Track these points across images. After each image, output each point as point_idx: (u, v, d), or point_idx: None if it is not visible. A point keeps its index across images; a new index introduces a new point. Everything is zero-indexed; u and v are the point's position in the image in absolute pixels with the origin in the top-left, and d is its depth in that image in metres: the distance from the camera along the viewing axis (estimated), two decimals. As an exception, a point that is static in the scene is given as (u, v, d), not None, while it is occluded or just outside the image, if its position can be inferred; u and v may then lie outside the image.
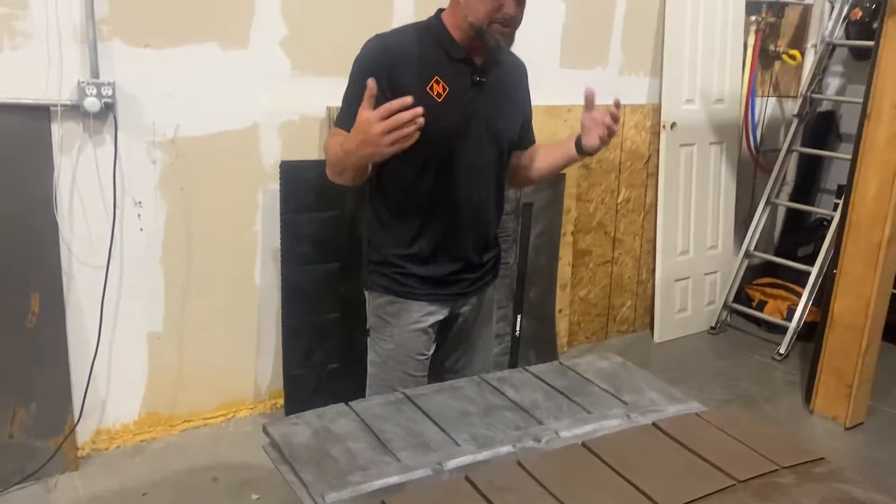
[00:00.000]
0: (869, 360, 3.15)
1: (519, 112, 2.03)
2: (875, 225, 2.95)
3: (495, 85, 1.91)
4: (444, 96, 1.83)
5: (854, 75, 4.45)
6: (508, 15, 1.77)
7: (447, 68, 1.84)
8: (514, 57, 2.05)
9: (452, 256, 1.98)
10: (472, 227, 1.98)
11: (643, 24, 3.63)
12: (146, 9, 2.41)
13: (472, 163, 1.91)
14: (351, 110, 1.81)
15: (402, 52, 1.83)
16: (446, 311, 2.02)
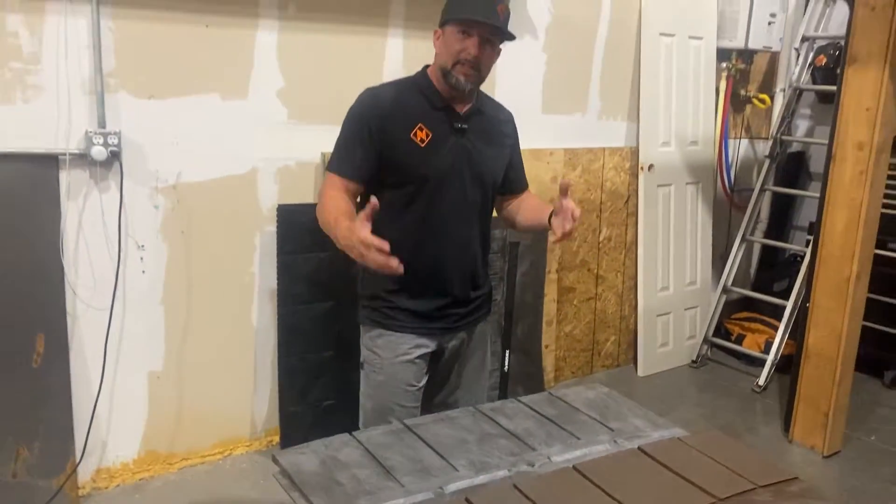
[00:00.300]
0: (843, 391, 3.27)
1: (503, 157, 2.16)
2: (844, 260, 3.10)
3: (478, 131, 2.06)
4: (427, 142, 1.98)
5: (821, 117, 4.67)
6: (470, 55, 1.92)
7: (430, 116, 2.00)
8: (500, 106, 2.21)
9: (439, 292, 2.08)
10: (457, 264, 2.10)
11: (619, 72, 3.82)
12: (151, 62, 2.54)
13: (457, 203, 2.04)
14: (342, 157, 2.01)
15: (390, 103, 2.00)
16: (434, 344, 2.12)
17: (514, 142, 2.22)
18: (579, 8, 3.58)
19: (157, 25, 2.53)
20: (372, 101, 2.01)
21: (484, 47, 1.93)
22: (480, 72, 1.97)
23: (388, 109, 1.98)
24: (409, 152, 1.97)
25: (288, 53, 2.80)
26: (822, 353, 3.22)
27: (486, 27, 1.91)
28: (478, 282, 2.18)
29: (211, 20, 2.62)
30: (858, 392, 3.51)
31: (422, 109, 2.00)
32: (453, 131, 2.01)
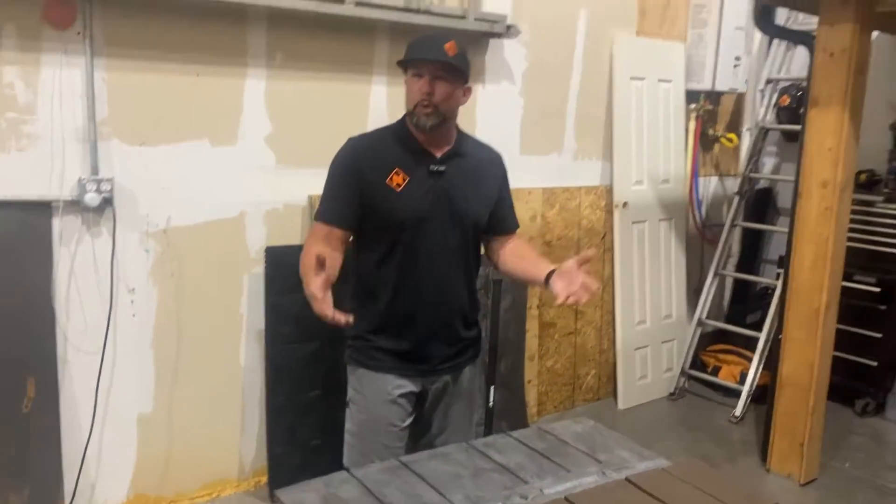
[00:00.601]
0: (817, 419, 3.38)
1: (485, 198, 2.19)
2: (813, 293, 3.22)
3: (457, 173, 2.12)
4: (403, 186, 2.05)
5: (786, 155, 4.85)
6: (424, 93, 2.00)
7: (407, 161, 2.08)
8: (489, 149, 2.28)
9: (421, 334, 2.13)
10: (439, 307, 2.14)
11: (593, 114, 3.96)
12: (143, 110, 2.61)
13: (437, 246, 2.10)
14: (326, 204, 2.12)
15: (368, 152, 2.11)
16: (417, 386, 2.16)
17: (501, 182, 2.27)
18: (554, 54, 3.72)
19: (150, 75, 2.60)
20: (351, 150, 2.12)
21: (436, 84, 2.00)
22: (438, 107, 2.02)
23: (365, 156, 2.09)
24: (385, 197, 2.05)
25: (276, 100, 2.88)
26: (796, 383, 3.33)
27: (434, 65, 2.00)
28: (463, 324, 2.21)
29: (202, 69, 2.70)
30: (831, 421, 3.61)
31: (398, 155, 2.08)
32: (430, 174, 2.08)
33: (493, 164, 2.26)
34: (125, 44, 2.54)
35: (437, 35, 2.17)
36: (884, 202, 4.14)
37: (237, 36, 2.76)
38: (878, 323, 4.10)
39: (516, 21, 3.41)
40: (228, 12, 2.69)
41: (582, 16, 3.80)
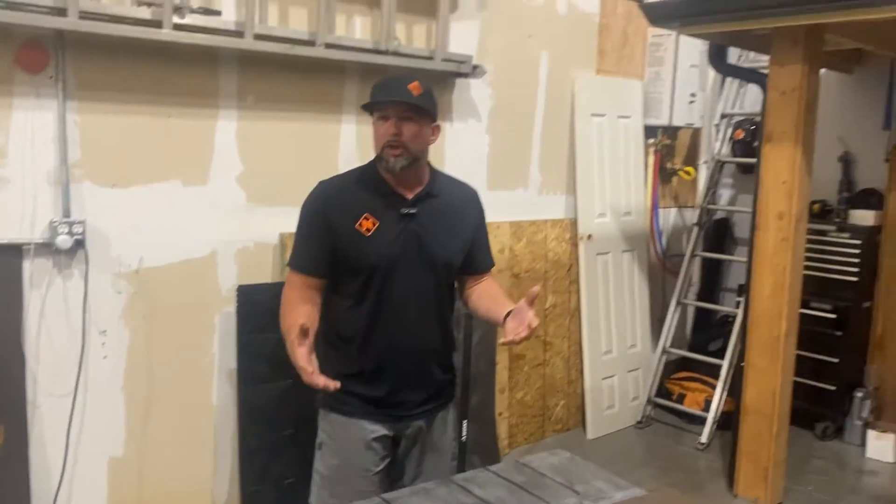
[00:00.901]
0: (780, 444, 3.47)
1: (460, 239, 2.16)
2: (773, 321, 3.33)
3: (429, 215, 2.09)
4: (373, 230, 2.03)
5: (742, 186, 5.01)
6: (390, 135, 1.99)
7: (377, 204, 2.05)
8: (464, 187, 2.26)
9: (394, 379, 2.09)
10: (413, 352, 2.11)
11: (556, 149, 4.07)
12: (115, 153, 2.62)
13: (409, 290, 2.07)
14: (298, 252, 2.11)
15: (337, 197, 2.09)
16: (390, 431, 2.13)
17: (477, 221, 2.25)
18: (518, 93, 3.83)
19: (122, 117, 2.62)
20: (320, 195, 2.11)
21: (403, 124, 1.99)
22: (408, 148, 2.00)
23: (334, 201, 2.07)
24: (355, 243, 2.03)
25: (247, 140, 2.91)
26: (760, 409, 3.42)
27: (398, 105, 1.98)
28: (438, 368, 2.18)
29: (173, 111, 2.72)
30: (793, 445, 3.70)
31: (368, 199, 2.06)
32: (401, 217, 2.05)
33: (468, 203, 2.24)
34: (97, 87, 2.55)
35: (401, 76, 2.14)
36: (836, 231, 4.31)
37: (209, 78, 2.79)
38: (835, 348, 4.24)
39: (481, 61, 3.51)
40: (200, 55, 2.73)
41: (544, 56, 3.92)
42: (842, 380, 4.25)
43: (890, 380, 4.32)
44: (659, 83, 4.44)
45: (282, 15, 2.94)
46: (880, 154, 4.28)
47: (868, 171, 4.44)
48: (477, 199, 2.27)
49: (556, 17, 3.96)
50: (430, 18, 3.35)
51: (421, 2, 3.32)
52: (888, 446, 4.04)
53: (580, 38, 4.12)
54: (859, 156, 4.48)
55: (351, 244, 2.04)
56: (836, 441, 4.26)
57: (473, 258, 2.22)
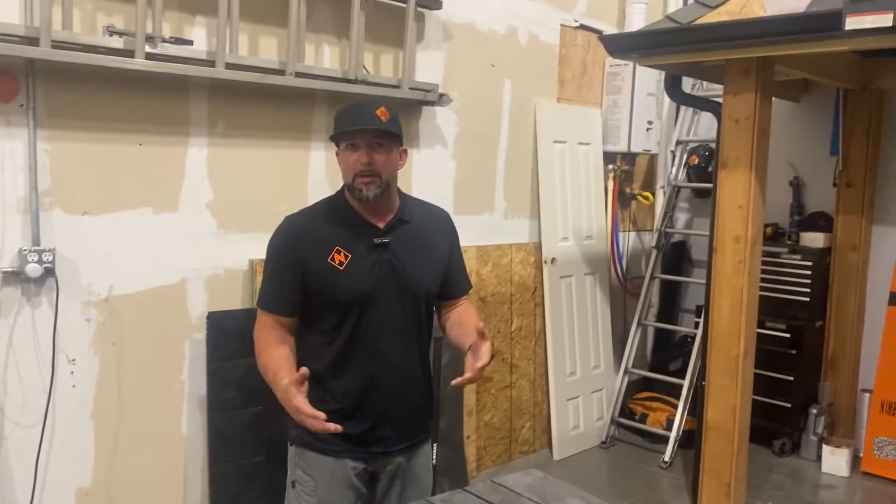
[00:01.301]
0: (741, 461, 3.56)
1: (436, 264, 2.12)
2: (732, 341, 3.44)
3: (402, 242, 2.04)
4: (346, 264, 1.98)
5: (698, 210, 5.18)
6: (362, 164, 1.94)
7: (348, 237, 2.00)
8: (435, 210, 2.23)
9: (372, 414, 2.04)
10: (393, 385, 2.05)
11: (520, 175, 4.16)
12: (86, 180, 2.62)
13: (387, 322, 2.02)
14: (268, 292, 2.06)
15: (306, 231, 2.04)
16: (370, 468, 2.08)
17: (451, 242, 2.19)
18: (482, 120, 3.92)
19: (92, 145, 2.62)
20: (287, 231, 2.06)
21: (375, 152, 1.95)
22: (381, 176, 1.96)
23: (303, 238, 2.02)
24: (328, 277, 1.97)
25: (217, 168, 2.93)
26: (721, 426, 3.51)
27: (368, 133, 1.94)
28: (418, 401, 2.14)
29: (144, 139, 2.73)
30: (753, 461, 3.81)
31: (338, 231, 2.01)
32: (373, 248, 2.00)
33: (441, 225, 2.20)
34: (68, 115, 2.55)
35: (366, 102, 2.09)
36: (788, 253, 4.47)
37: (179, 106, 2.81)
38: (790, 366, 4.38)
39: (447, 89, 3.59)
40: (171, 83, 2.75)
41: (507, 85, 4.02)
42: (797, 397, 4.40)
43: (842, 396, 4.47)
44: (617, 111, 4.58)
45: (252, 44, 2.98)
46: (828, 178, 4.47)
47: (817, 195, 4.63)
48: (449, 221, 2.24)
49: (517, 47, 4.07)
50: (397, 48, 3.43)
51: (388, 32, 3.39)
52: (842, 461, 4.18)
53: (541, 68, 4.24)
54: (809, 180, 4.67)
55: (324, 279, 1.98)
56: (793, 457, 4.39)
57: (450, 282, 2.18)
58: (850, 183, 4.38)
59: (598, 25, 4.52)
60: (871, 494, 4.00)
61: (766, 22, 3.00)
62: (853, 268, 4.41)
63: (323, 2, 3.14)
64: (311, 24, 3.11)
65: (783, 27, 2.92)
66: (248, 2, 2.87)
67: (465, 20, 3.76)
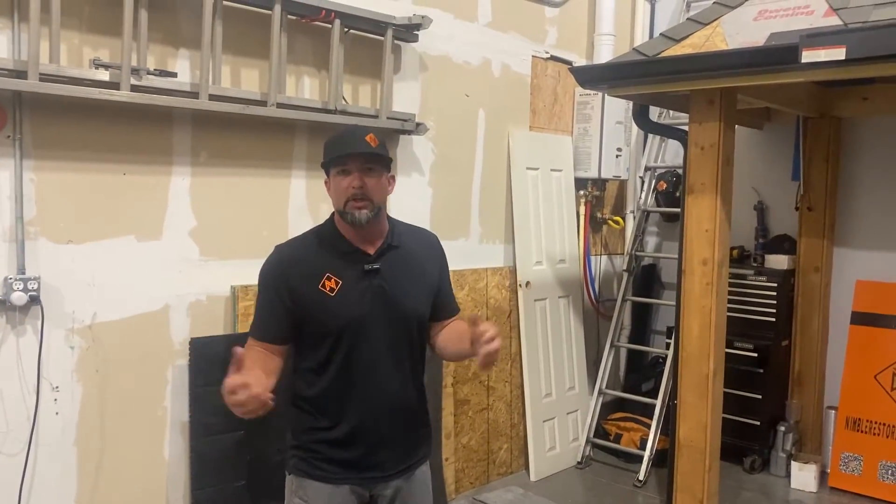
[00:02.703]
0: (713, 477, 3.65)
1: (427, 288, 2.12)
2: (702, 360, 3.55)
3: (393, 268, 2.05)
4: (336, 290, 1.98)
5: (667, 234, 5.32)
6: (354, 188, 1.95)
7: (338, 263, 2.01)
8: (424, 233, 2.26)
9: (369, 440, 2.03)
10: (388, 409, 2.04)
11: (494, 201, 4.27)
12: (71, 209, 2.66)
13: (380, 347, 2.02)
14: (259, 322, 2.06)
15: (295, 260, 2.04)
16: (367, 493, 2.08)
17: (441, 266, 2.20)
18: (457, 149, 4.03)
19: (77, 175, 2.67)
20: (277, 261, 2.06)
21: (366, 176, 1.97)
22: (373, 200, 1.98)
23: (293, 266, 2.02)
24: (320, 305, 1.98)
25: (200, 196, 2.99)
26: (693, 444, 3.61)
27: (359, 157, 1.96)
28: (414, 424, 2.14)
29: (128, 168, 2.79)
30: (724, 478, 3.90)
31: (328, 258, 2.02)
32: (364, 274, 2.01)
33: (430, 249, 2.21)
34: (54, 146, 2.61)
35: (354, 129, 2.14)
36: (754, 275, 4.62)
37: (163, 136, 2.88)
38: (758, 385, 4.51)
39: (424, 119, 3.70)
40: (155, 114, 2.82)
41: (481, 114, 4.14)
42: (766, 415, 4.51)
43: (809, 413, 4.60)
44: (587, 139, 4.71)
45: (234, 76, 3.06)
46: (791, 203, 4.64)
47: (780, 219, 4.79)
48: (438, 244, 2.25)
49: (491, 77, 4.20)
50: (375, 79, 3.53)
51: (366, 64, 3.49)
52: (810, 477, 4.29)
53: (514, 97, 4.37)
54: (772, 205, 4.84)
55: (315, 307, 1.98)
56: (763, 473, 4.50)
57: (439, 306, 2.18)
58: (812, 207, 4.55)
59: (568, 56, 4.68)
60: (838, 509, 4.12)
61: (728, 55, 3.15)
62: (816, 288, 4.57)
63: (303, 35, 3.24)
64: (292, 56, 3.20)
65: (744, 60, 3.07)
66: (230, 35, 2.95)
67: (441, 52, 3.88)
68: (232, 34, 2.97)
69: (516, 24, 4.33)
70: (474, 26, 4.08)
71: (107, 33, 2.68)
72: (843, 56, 2.71)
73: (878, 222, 4.45)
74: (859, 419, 4.30)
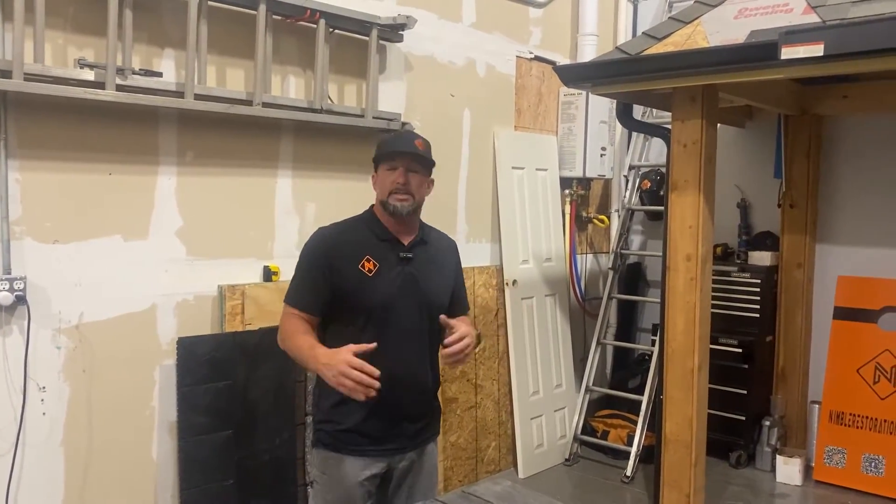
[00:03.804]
0: (699, 471, 3.69)
1: (447, 283, 2.38)
2: (687, 355, 3.58)
3: (423, 260, 2.29)
4: (374, 272, 2.20)
5: (651, 232, 5.36)
6: (399, 184, 2.21)
7: (376, 248, 2.24)
8: (446, 236, 2.49)
9: (389, 414, 2.22)
10: (407, 388, 2.23)
11: (481, 200, 4.30)
12: (57, 209, 2.66)
13: (405, 328, 2.23)
14: (299, 291, 2.24)
15: (338, 240, 2.26)
16: (383, 467, 2.26)
17: (457, 269, 2.46)
18: (443, 148, 4.01)
19: (63, 175, 2.67)
20: (321, 240, 2.27)
21: (410, 174, 2.23)
22: (414, 196, 2.23)
23: (336, 245, 2.24)
24: (358, 282, 2.19)
25: (186, 195, 3.00)
26: (679, 439, 3.64)
27: (407, 156, 2.22)
28: (429, 401, 2.35)
29: (114, 168, 2.79)
30: (711, 473, 3.94)
31: (368, 242, 2.24)
32: (399, 261, 2.24)
33: (450, 252, 2.45)
34: (39, 145, 2.61)
35: (407, 134, 2.44)
36: (738, 272, 4.67)
37: (149, 136, 2.88)
38: (743, 380, 4.55)
39: (409, 118, 3.72)
40: (141, 114, 2.82)
41: (466, 114, 4.17)
42: (751, 410, 4.56)
43: (793, 408, 4.65)
44: (572, 138, 4.75)
45: (220, 76, 3.07)
46: (773, 200, 4.70)
47: (763, 216, 4.85)
48: (456, 250, 2.50)
49: (476, 77, 4.23)
50: (361, 79, 3.55)
51: (351, 64, 3.51)
52: (795, 470, 4.34)
53: (499, 97, 4.40)
54: (755, 202, 4.89)
55: (354, 284, 2.18)
56: (748, 468, 4.54)
57: (453, 303, 2.39)
58: (794, 204, 4.61)
59: (552, 57, 4.71)
60: (822, 502, 4.16)
61: (709, 52, 3.19)
62: (799, 284, 4.62)
63: (288, 35, 3.25)
64: (277, 56, 3.21)
65: (725, 57, 3.11)
66: (215, 35, 2.96)
67: (426, 52, 3.91)
68: (217, 34, 2.98)
69: (500, 25, 4.36)
70: (459, 27, 4.11)
71: (91, 33, 2.69)
72: (821, 52, 2.75)
73: (858, 218, 4.52)
74: (842, 413, 4.35)
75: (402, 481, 2.33)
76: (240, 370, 3.07)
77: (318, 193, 3.42)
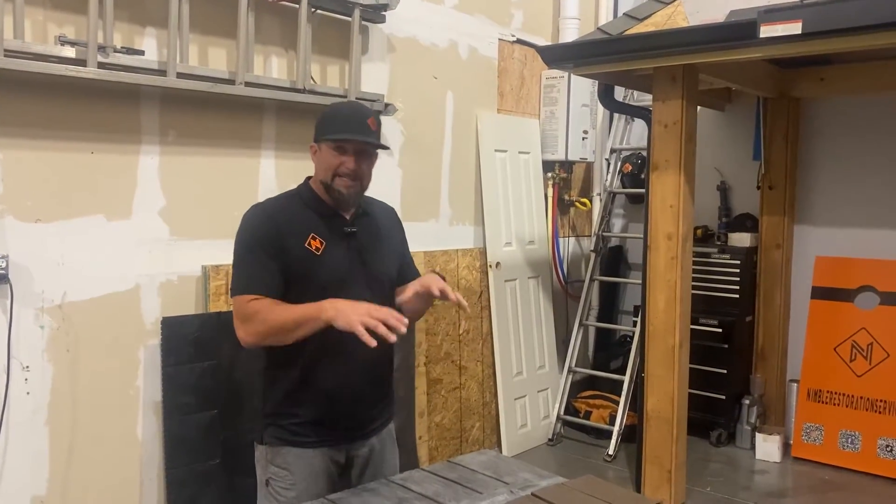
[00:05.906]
0: (680, 448, 3.74)
1: (394, 253, 2.27)
2: (668, 333, 3.63)
3: (367, 233, 2.17)
4: (322, 250, 2.07)
5: (632, 215, 5.41)
6: (349, 170, 2.05)
7: (320, 225, 2.09)
8: (384, 205, 2.37)
9: (346, 399, 2.10)
10: (364, 370, 2.11)
11: (464, 183, 4.31)
12: (38, 188, 2.65)
13: None
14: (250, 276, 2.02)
15: (283, 217, 2.08)
16: (343, 454, 2.16)
17: (402, 236, 2.36)
18: (427, 130, 4.06)
19: (45, 153, 2.65)
20: (263, 218, 2.09)
21: (360, 160, 2.07)
22: (362, 181, 2.10)
23: (281, 223, 2.06)
24: (307, 262, 2.04)
25: (169, 175, 2.99)
26: (660, 415, 3.69)
27: (360, 143, 2.06)
28: (385, 382, 2.25)
29: (96, 147, 2.78)
30: (692, 451, 4.00)
31: (311, 219, 2.09)
32: (344, 236, 2.11)
33: (392, 220, 2.35)
34: (20, 123, 2.59)
35: (358, 109, 2.19)
36: (718, 253, 4.72)
37: (131, 114, 2.87)
38: (723, 360, 4.62)
39: (392, 100, 3.72)
40: (123, 92, 2.81)
41: (449, 96, 4.18)
42: (731, 389, 4.62)
43: (772, 387, 4.73)
44: (554, 121, 4.78)
45: (202, 55, 3.06)
46: (752, 182, 4.75)
47: (743, 198, 4.90)
48: (397, 216, 2.40)
49: (458, 60, 4.24)
50: (343, 59, 3.55)
51: (334, 44, 3.51)
52: (774, 448, 4.41)
53: (482, 80, 4.41)
54: (734, 184, 4.95)
55: (303, 265, 2.04)
56: (729, 446, 4.61)
57: (403, 271, 2.30)
58: (773, 186, 4.67)
59: (534, 40, 4.73)
60: (801, 477, 4.24)
61: (689, 31, 3.23)
62: (778, 265, 4.69)
63: (271, 14, 3.24)
64: (260, 35, 3.20)
65: (704, 36, 3.15)
66: (197, 13, 2.95)
67: (408, 34, 3.91)
68: (199, 12, 2.97)
69: (482, 7, 4.37)
70: (441, 8, 4.11)
71: (72, 10, 2.67)
72: (799, 30, 2.80)
73: (835, 199, 4.58)
74: (820, 390, 4.43)
75: (364, 469, 2.21)
76: (224, 350, 3.07)
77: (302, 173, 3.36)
